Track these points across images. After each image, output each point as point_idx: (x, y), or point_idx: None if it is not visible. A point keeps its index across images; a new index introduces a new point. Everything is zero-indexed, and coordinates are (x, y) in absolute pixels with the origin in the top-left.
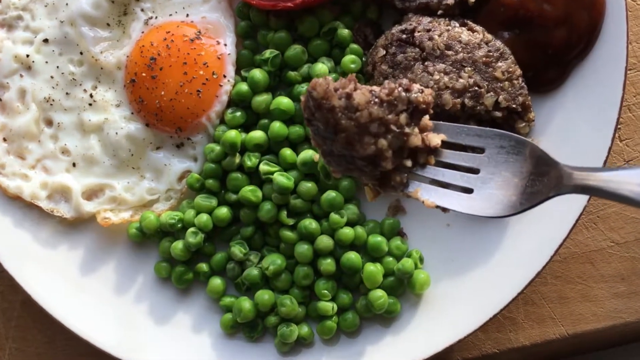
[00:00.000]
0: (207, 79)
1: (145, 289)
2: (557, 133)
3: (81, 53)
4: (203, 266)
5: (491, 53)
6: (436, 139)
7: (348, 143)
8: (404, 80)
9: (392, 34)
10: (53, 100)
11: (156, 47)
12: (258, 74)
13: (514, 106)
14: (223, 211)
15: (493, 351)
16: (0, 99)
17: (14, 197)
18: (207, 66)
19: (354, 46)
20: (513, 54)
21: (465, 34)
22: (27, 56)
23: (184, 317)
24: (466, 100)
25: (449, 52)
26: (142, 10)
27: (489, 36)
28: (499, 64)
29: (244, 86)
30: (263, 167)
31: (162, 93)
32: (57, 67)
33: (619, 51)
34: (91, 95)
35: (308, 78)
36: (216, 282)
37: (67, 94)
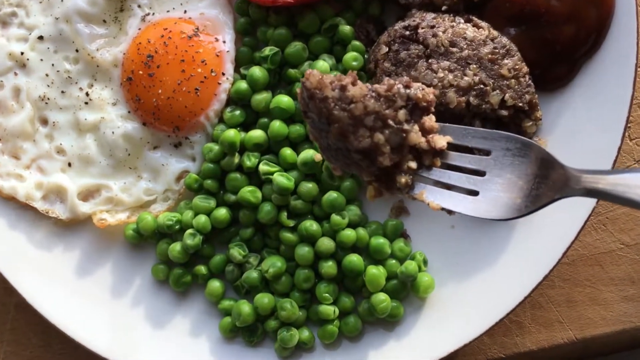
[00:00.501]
0: (206, 77)
1: (142, 292)
2: (565, 132)
3: (77, 50)
4: (201, 268)
5: (497, 50)
6: (442, 141)
7: (341, 134)
8: (405, 77)
9: (395, 31)
10: (48, 98)
11: (153, 44)
12: (257, 72)
13: (521, 104)
14: (222, 212)
15: (499, 356)
16: None
17: (9, 198)
18: (206, 64)
19: (356, 43)
20: (519, 51)
21: (470, 31)
22: (22, 54)
23: (182, 321)
24: (471, 98)
25: (454, 49)
26: (139, 6)
27: (495, 32)
28: (505, 61)
29: (243, 84)
30: (263, 167)
31: (160, 91)
32: (52, 65)
33: (629, 48)
34: (87, 93)
35: None
36: (215, 285)
37: (63, 93)
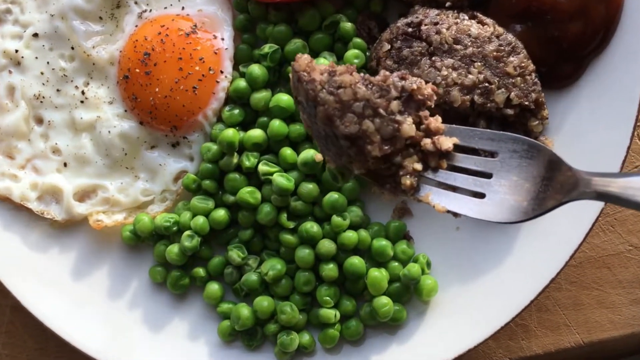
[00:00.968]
0: (204, 75)
1: (139, 295)
2: (573, 131)
3: (72, 48)
4: (200, 271)
5: (502, 47)
6: (448, 143)
7: (327, 118)
8: (403, 71)
9: (398, 28)
10: (43, 97)
11: (150, 42)
12: (257, 70)
13: (527, 103)
14: (220, 213)
15: None
16: None
17: (3, 199)
18: (204, 62)
19: (358, 40)
20: (526, 48)
21: (474, 27)
22: (16, 51)
23: (180, 324)
24: (476, 97)
25: (458, 47)
26: (136, 2)
27: (500, 29)
28: (511, 59)
29: (242, 82)
30: (262, 168)
31: (157, 90)
32: (48, 63)
33: (638, 45)
34: (83, 92)
35: None
36: (213, 288)
37: (58, 91)
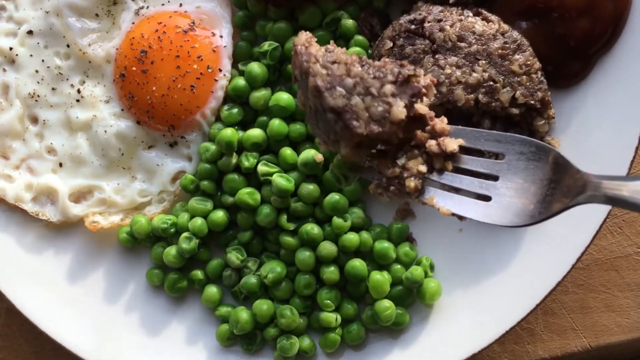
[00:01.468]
0: (202, 73)
1: (136, 298)
2: (579, 131)
3: (68, 46)
4: (198, 273)
5: (508, 45)
6: (453, 144)
7: (316, 89)
8: (403, 62)
9: (400, 25)
10: (38, 96)
11: (147, 39)
12: (256, 68)
13: (532, 102)
14: (219, 215)
15: None
16: None
17: None
18: (202, 59)
19: (359, 38)
20: (531, 46)
21: (479, 24)
22: (11, 49)
23: (178, 328)
24: (480, 96)
25: (462, 44)
26: None
27: (506, 26)
28: (516, 57)
29: (241, 81)
30: (261, 168)
31: (154, 88)
32: (43, 61)
33: None
34: (79, 90)
35: None
36: (212, 291)
37: (53, 90)
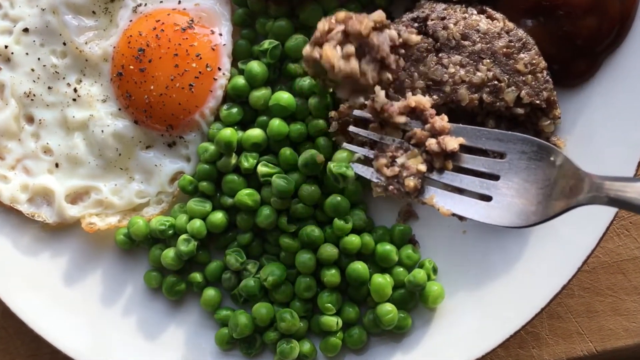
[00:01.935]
0: (201, 72)
1: (134, 301)
2: (585, 131)
3: (64, 44)
4: (196, 276)
5: (512, 43)
6: (453, 143)
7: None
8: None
9: (403, 23)
10: (34, 95)
11: (145, 37)
12: (256, 67)
13: (538, 102)
14: (218, 216)
15: None
16: None
17: None
18: (201, 58)
19: None
20: (537, 45)
21: (483, 22)
22: (6, 47)
23: (176, 332)
24: (484, 95)
25: (466, 43)
26: None
27: (510, 24)
28: (522, 56)
29: (241, 80)
30: (261, 169)
31: (152, 87)
32: (39, 59)
33: None
34: (75, 89)
35: None
36: (210, 294)
37: (50, 89)
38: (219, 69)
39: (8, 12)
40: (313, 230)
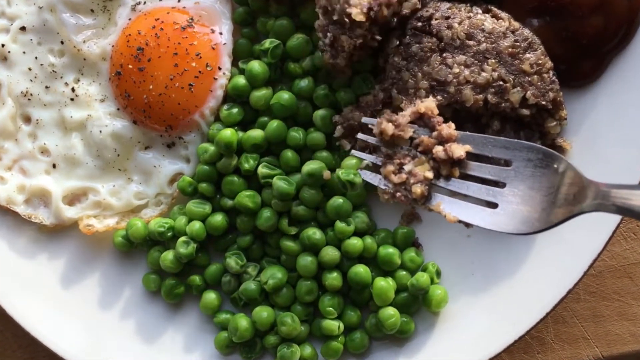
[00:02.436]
0: (200, 72)
1: (132, 304)
2: (592, 133)
3: (62, 42)
4: (196, 279)
5: (518, 43)
6: (460, 150)
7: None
8: None
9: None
10: (31, 94)
11: (144, 36)
12: (257, 66)
13: (544, 103)
14: (218, 218)
15: None
16: None
17: None
18: (200, 57)
19: None
20: (543, 44)
21: (488, 22)
22: (3, 46)
23: (175, 335)
24: (489, 96)
25: (471, 42)
26: None
27: (516, 24)
28: (527, 56)
29: (241, 79)
30: (262, 170)
31: (151, 87)
32: (36, 58)
33: None
34: (73, 89)
35: (311, 71)
36: (210, 297)
37: (47, 88)
38: (219, 69)
39: (5, 10)
40: (314, 232)
